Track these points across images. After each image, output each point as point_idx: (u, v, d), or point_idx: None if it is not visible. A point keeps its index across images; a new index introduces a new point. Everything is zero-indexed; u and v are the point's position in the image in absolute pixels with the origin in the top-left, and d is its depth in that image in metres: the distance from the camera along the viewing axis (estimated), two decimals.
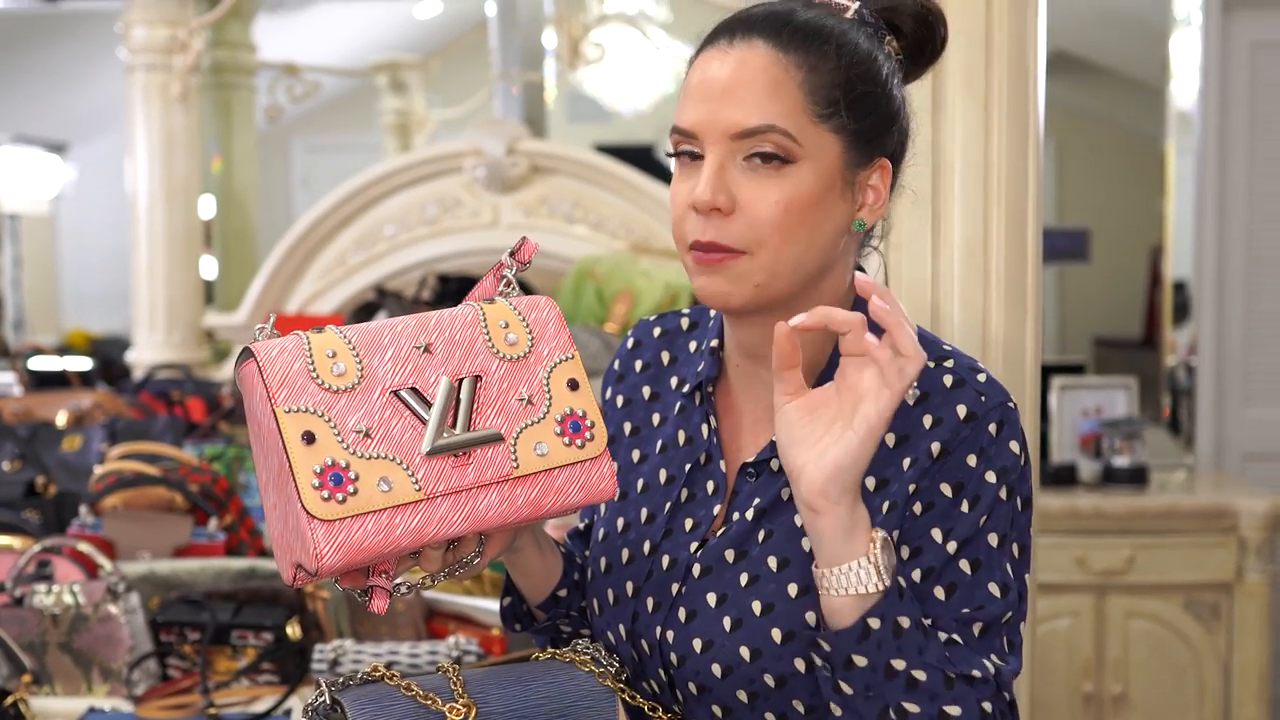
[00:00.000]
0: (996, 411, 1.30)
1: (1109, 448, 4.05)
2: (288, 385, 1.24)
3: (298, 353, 1.25)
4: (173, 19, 4.26)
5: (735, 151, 1.29)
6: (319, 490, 1.20)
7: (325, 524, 1.20)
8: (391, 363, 1.27)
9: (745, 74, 1.29)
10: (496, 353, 1.30)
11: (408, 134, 5.71)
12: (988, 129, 1.79)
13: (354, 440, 1.23)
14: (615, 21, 5.14)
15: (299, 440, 1.22)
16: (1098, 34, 4.89)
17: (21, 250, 6.99)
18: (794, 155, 1.28)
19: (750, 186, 1.29)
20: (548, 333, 1.33)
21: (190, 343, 4.40)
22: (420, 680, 1.31)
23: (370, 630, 2.22)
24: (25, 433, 3.02)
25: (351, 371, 1.25)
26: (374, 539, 1.22)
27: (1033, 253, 1.83)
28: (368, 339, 1.28)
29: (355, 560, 1.22)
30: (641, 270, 3.92)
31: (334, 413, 1.24)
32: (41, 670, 2.15)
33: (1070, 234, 4.68)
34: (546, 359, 1.32)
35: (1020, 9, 1.80)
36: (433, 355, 1.28)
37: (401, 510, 1.23)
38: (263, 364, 1.23)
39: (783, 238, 1.29)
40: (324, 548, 1.20)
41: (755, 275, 1.30)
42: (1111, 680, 3.86)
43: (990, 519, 1.29)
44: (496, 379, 1.30)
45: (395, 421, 1.25)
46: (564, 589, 1.47)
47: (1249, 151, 4.49)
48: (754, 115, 1.28)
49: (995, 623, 1.27)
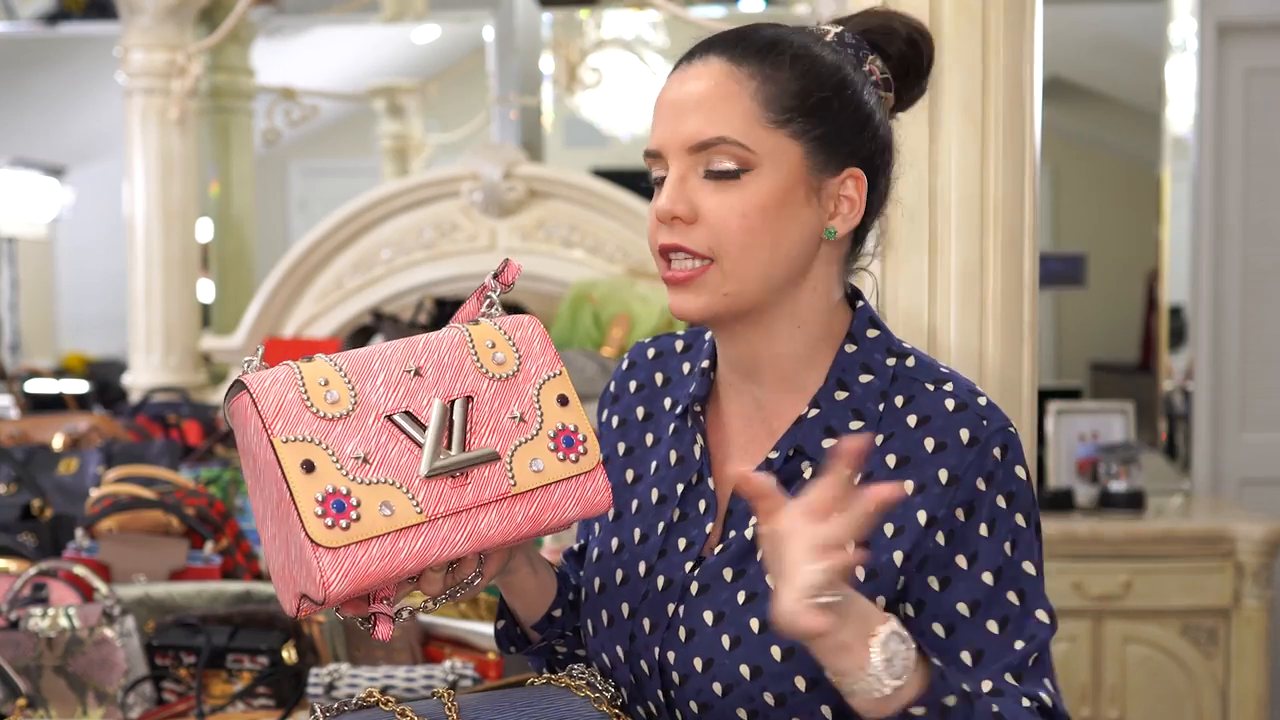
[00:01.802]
0: (999, 436, 1.31)
1: (1106, 472, 4.05)
2: (283, 415, 1.24)
3: (290, 382, 1.25)
4: (171, 43, 4.27)
5: (695, 165, 1.32)
6: (322, 518, 1.20)
7: (330, 551, 1.20)
8: (384, 388, 1.28)
9: (699, 89, 1.33)
10: (486, 373, 1.31)
11: (405, 158, 5.72)
12: (984, 155, 1.79)
13: (353, 466, 1.23)
14: (612, 46, 5.15)
15: (299, 469, 1.22)
16: (1094, 60, 4.91)
17: (19, 273, 6.99)
18: (749, 163, 1.31)
19: (711, 197, 1.32)
20: (534, 350, 1.34)
21: (187, 366, 4.39)
22: (415, 706, 1.31)
23: (366, 654, 2.21)
24: (21, 455, 3.01)
25: (345, 398, 1.26)
26: (379, 564, 1.22)
27: (1029, 279, 1.83)
28: (358, 365, 1.28)
29: (362, 586, 1.22)
30: (638, 294, 3.92)
31: (331, 440, 1.24)
32: (36, 694, 2.14)
33: (1067, 259, 4.68)
34: (535, 376, 1.33)
35: (1017, 36, 1.81)
36: (423, 378, 1.29)
37: (405, 534, 1.23)
38: (256, 395, 1.24)
39: (745, 243, 1.31)
40: (330, 575, 1.20)
41: (724, 284, 1.32)
42: (1109, 706, 3.85)
43: (1018, 547, 1.30)
44: (488, 398, 1.30)
45: (392, 446, 1.26)
46: (558, 609, 1.47)
47: (1244, 176, 4.50)
48: (707, 128, 1.31)
49: (1044, 650, 1.29)
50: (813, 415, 1.36)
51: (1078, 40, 4.77)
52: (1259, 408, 4.53)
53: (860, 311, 1.40)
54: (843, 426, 1.35)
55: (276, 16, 5.45)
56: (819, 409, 1.36)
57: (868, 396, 1.35)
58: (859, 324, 1.39)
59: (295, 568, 1.23)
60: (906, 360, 1.38)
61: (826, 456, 1.32)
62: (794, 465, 1.36)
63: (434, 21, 5.58)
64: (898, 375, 1.36)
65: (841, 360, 1.37)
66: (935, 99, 1.78)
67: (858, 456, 1.15)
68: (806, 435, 1.35)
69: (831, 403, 1.36)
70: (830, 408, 1.36)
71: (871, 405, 1.35)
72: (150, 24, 4.24)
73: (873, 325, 1.40)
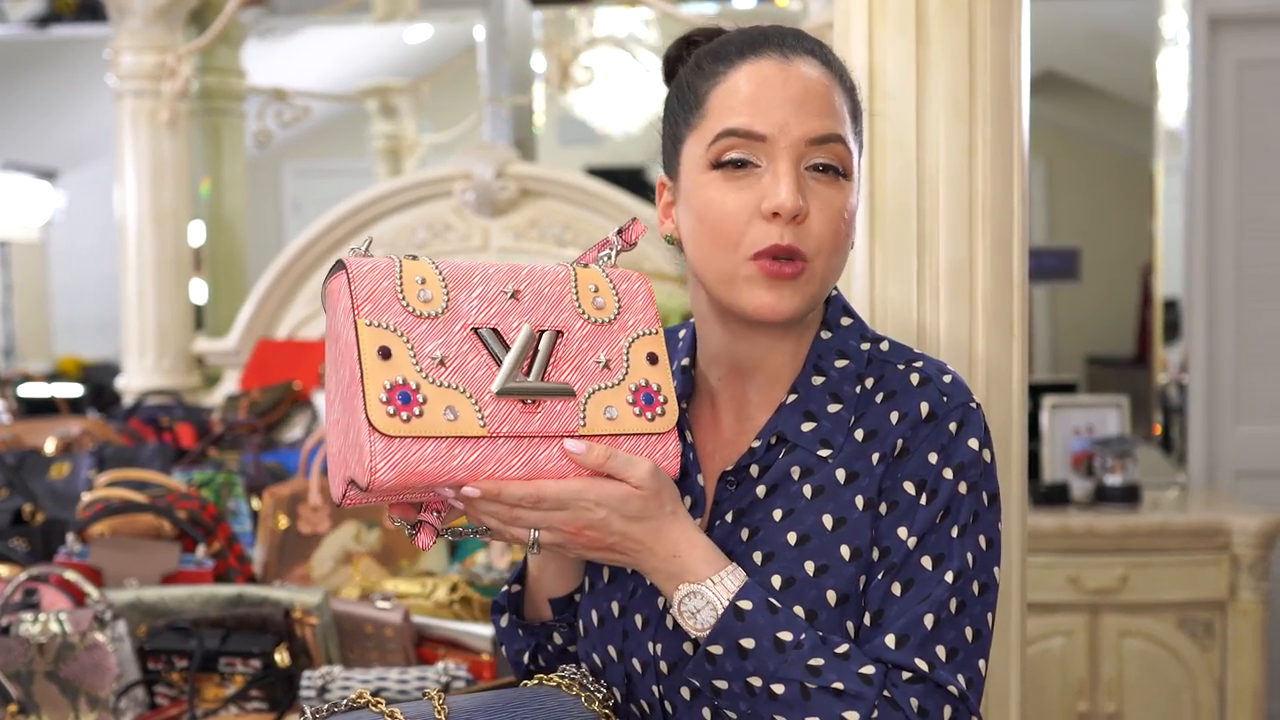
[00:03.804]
0: (958, 411, 1.33)
1: (1101, 466, 4.05)
2: (373, 300, 1.25)
3: (388, 272, 1.26)
4: (161, 45, 4.26)
5: (803, 158, 1.32)
6: (385, 405, 1.21)
7: (386, 439, 1.20)
8: (478, 301, 1.28)
9: (811, 86, 1.33)
10: (582, 313, 1.32)
11: (398, 158, 5.71)
12: (972, 150, 1.79)
13: (429, 365, 1.24)
14: (605, 44, 5.14)
15: (374, 354, 1.23)
16: (1086, 53, 4.91)
17: (12, 277, 6.98)
18: (848, 169, 1.34)
19: (818, 194, 1.33)
20: (636, 304, 1.35)
21: (180, 368, 4.39)
22: (405, 708, 1.30)
23: (359, 656, 2.21)
24: (13, 460, 3.01)
25: (438, 300, 1.27)
26: (430, 464, 1.22)
27: (1018, 273, 1.83)
28: (459, 274, 1.29)
29: (408, 483, 1.22)
30: None
31: (414, 335, 1.25)
32: (28, 699, 2.13)
33: (1061, 253, 4.68)
34: (631, 329, 1.33)
35: (1004, 30, 1.81)
36: (519, 302, 1.29)
37: (463, 442, 1.23)
38: (353, 276, 1.25)
39: (835, 247, 1.34)
40: (379, 463, 1.20)
41: (812, 285, 1.34)
42: (1106, 699, 3.85)
43: (949, 514, 1.31)
44: (578, 338, 1.31)
45: (472, 357, 1.26)
46: (580, 594, 1.48)
47: (1237, 169, 4.50)
48: (826, 124, 1.33)
49: (943, 610, 1.29)
50: (791, 401, 1.39)
51: (1070, 33, 4.76)
52: (1254, 400, 4.53)
53: (834, 300, 1.44)
54: (821, 409, 1.38)
55: (267, 17, 5.44)
56: (797, 394, 1.39)
57: (844, 379, 1.38)
58: (833, 312, 1.43)
59: (350, 451, 1.24)
60: (880, 345, 1.41)
61: (808, 441, 1.36)
62: (775, 451, 1.38)
63: (425, 21, 5.57)
64: (872, 358, 1.40)
65: (818, 347, 1.41)
66: (922, 93, 1.78)
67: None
68: (786, 420, 1.38)
69: (809, 388, 1.39)
70: (808, 392, 1.39)
71: (848, 387, 1.38)
72: (140, 26, 4.24)
73: (845, 313, 1.44)
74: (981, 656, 1.30)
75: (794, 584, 1.31)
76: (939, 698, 1.26)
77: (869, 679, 1.25)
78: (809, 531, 1.33)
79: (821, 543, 1.32)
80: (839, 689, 1.25)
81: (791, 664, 1.25)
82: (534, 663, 1.50)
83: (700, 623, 1.28)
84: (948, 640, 1.28)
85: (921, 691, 1.26)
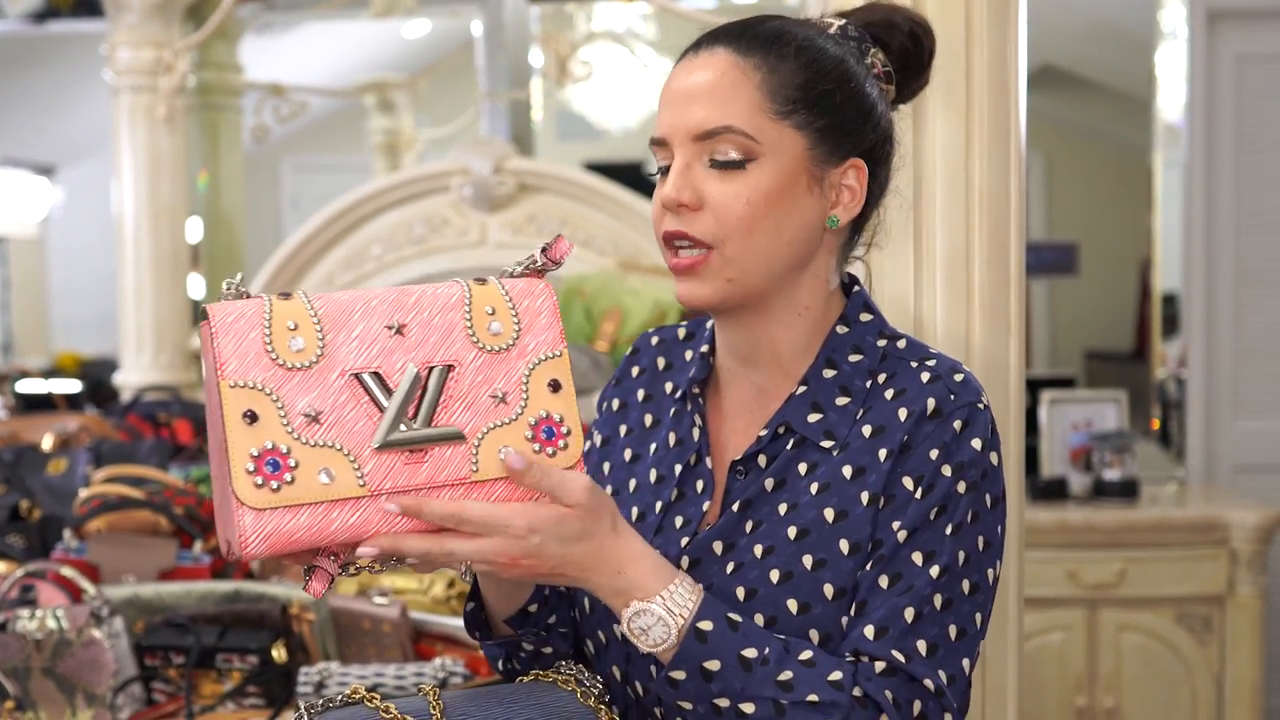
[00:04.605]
0: (963, 410, 1.33)
1: (1099, 461, 4.05)
2: (239, 356, 1.15)
3: (256, 320, 1.16)
4: (158, 40, 4.25)
5: (700, 153, 1.34)
6: (253, 475, 1.13)
7: (255, 512, 1.13)
8: (358, 341, 1.18)
9: (706, 78, 1.34)
10: (476, 341, 1.21)
11: (396, 153, 5.70)
12: (968, 144, 1.79)
13: (300, 425, 1.15)
14: (603, 39, 5.14)
15: (239, 419, 1.14)
16: (1084, 48, 4.90)
17: (10, 273, 6.98)
18: (754, 153, 1.33)
19: (715, 185, 1.33)
20: (538, 324, 1.23)
21: (178, 364, 4.38)
22: (400, 703, 1.30)
23: (356, 652, 2.20)
24: (10, 456, 3.00)
25: (311, 347, 1.17)
26: (306, 533, 1.14)
27: (1015, 267, 1.83)
28: (336, 312, 1.18)
29: (284, 550, 1.14)
30: (630, 288, 3.91)
31: (284, 391, 1.15)
32: (25, 696, 2.13)
33: (1059, 248, 4.68)
34: (531, 354, 1.22)
35: (1001, 24, 1.80)
36: (405, 338, 1.19)
37: (341, 505, 1.15)
38: (215, 330, 1.16)
39: (748, 231, 1.33)
40: (249, 536, 1.13)
41: (726, 270, 1.34)
42: (1104, 694, 3.85)
43: (945, 511, 1.31)
44: (471, 370, 1.20)
45: (350, 407, 1.16)
46: (534, 603, 1.44)
47: (1235, 164, 4.49)
48: (713, 117, 1.33)
49: (926, 604, 1.28)
50: (800, 392, 1.39)
51: (1068, 28, 4.76)
52: (1252, 394, 4.52)
53: (855, 296, 1.44)
54: (829, 403, 1.38)
55: (264, 12, 5.43)
56: (807, 386, 1.39)
57: (855, 374, 1.38)
58: (853, 308, 1.43)
59: (224, 514, 1.17)
60: (898, 342, 1.41)
61: (813, 432, 1.36)
62: (782, 441, 1.39)
63: (423, 16, 5.56)
64: (887, 355, 1.40)
65: (832, 341, 1.40)
66: None
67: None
68: (794, 412, 1.38)
69: (820, 380, 1.39)
70: (818, 385, 1.39)
71: (859, 382, 1.38)
72: (137, 21, 4.23)
73: (866, 310, 1.43)
74: (965, 655, 1.29)
75: (791, 578, 1.31)
76: (911, 690, 1.26)
77: (839, 684, 1.25)
78: (809, 525, 1.33)
79: (821, 536, 1.32)
80: (814, 701, 1.24)
81: (760, 681, 1.24)
82: (509, 665, 1.48)
83: (652, 639, 1.25)
84: (929, 635, 1.27)
85: (895, 684, 1.25)
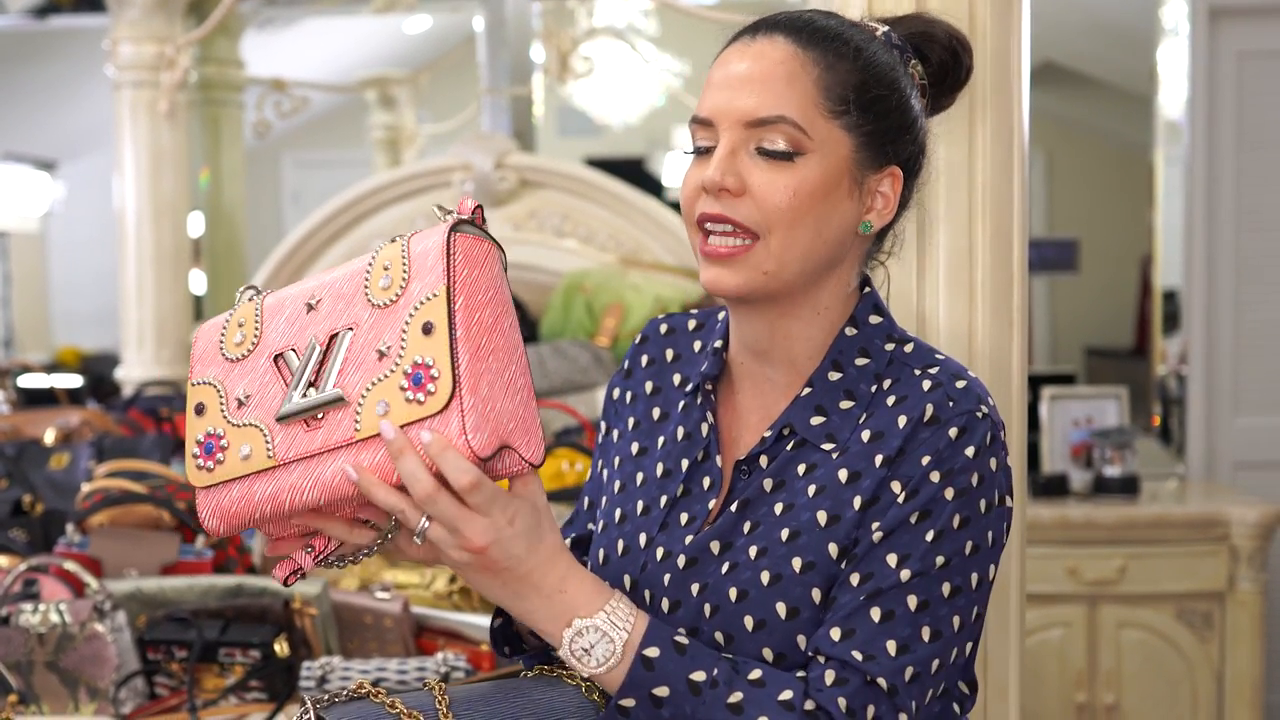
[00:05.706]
0: (961, 418, 1.32)
1: (1100, 457, 4.05)
2: (202, 359, 1.28)
3: (218, 325, 1.29)
4: (160, 35, 4.25)
5: (748, 140, 1.32)
6: (196, 459, 1.24)
7: (203, 491, 1.24)
8: (285, 325, 1.25)
9: (763, 65, 1.33)
10: (371, 300, 1.21)
11: (398, 149, 5.70)
12: (972, 141, 1.79)
13: (234, 408, 1.24)
14: (604, 35, 5.13)
15: (192, 413, 1.26)
16: (1086, 44, 4.90)
17: (11, 268, 6.97)
18: (803, 148, 1.32)
19: (760, 174, 1.32)
20: (424, 268, 1.19)
21: (180, 359, 4.38)
22: (405, 697, 1.30)
23: (358, 647, 2.21)
24: (12, 451, 3.01)
25: (249, 339, 1.26)
26: (239, 505, 1.22)
27: (1018, 264, 1.83)
28: (275, 303, 1.27)
29: (235, 525, 1.23)
30: (631, 284, 3.91)
31: (227, 382, 1.25)
32: (28, 690, 2.13)
33: (1060, 244, 4.68)
34: (413, 300, 1.19)
35: (1004, 21, 1.80)
36: (316, 312, 1.24)
37: (259, 478, 1.22)
38: (195, 338, 1.29)
39: (790, 224, 1.32)
40: (204, 514, 1.24)
41: (765, 262, 1.33)
42: (1104, 690, 3.86)
43: (928, 516, 1.29)
44: (365, 330, 1.21)
45: (273, 387, 1.23)
46: None
47: (1237, 160, 4.49)
48: (768, 105, 1.31)
49: (899, 606, 1.28)
50: (805, 394, 1.38)
51: (1070, 24, 4.76)
52: (1253, 391, 4.52)
53: (866, 297, 1.43)
54: (833, 406, 1.37)
55: (266, 8, 5.43)
56: (812, 388, 1.38)
57: (861, 378, 1.37)
58: (862, 309, 1.41)
59: None
60: (905, 346, 1.40)
61: (814, 434, 1.35)
62: (785, 442, 1.38)
63: (424, 12, 5.56)
64: (894, 359, 1.39)
65: (840, 343, 1.39)
66: None
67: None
68: (798, 413, 1.38)
69: (825, 383, 1.38)
70: (823, 387, 1.38)
71: (864, 386, 1.37)
72: (139, 16, 4.23)
73: (876, 312, 1.42)
74: (937, 657, 1.28)
75: (780, 580, 1.31)
76: (865, 695, 1.25)
77: (789, 704, 1.24)
78: (802, 528, 1.32)
79: (811, 539, 1.31)
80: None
81: (710, 705, 1.24)
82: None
83: (596, 659, 1.25)
84: (900, 636, 1.27)
85: (849, 691, 1.25)
